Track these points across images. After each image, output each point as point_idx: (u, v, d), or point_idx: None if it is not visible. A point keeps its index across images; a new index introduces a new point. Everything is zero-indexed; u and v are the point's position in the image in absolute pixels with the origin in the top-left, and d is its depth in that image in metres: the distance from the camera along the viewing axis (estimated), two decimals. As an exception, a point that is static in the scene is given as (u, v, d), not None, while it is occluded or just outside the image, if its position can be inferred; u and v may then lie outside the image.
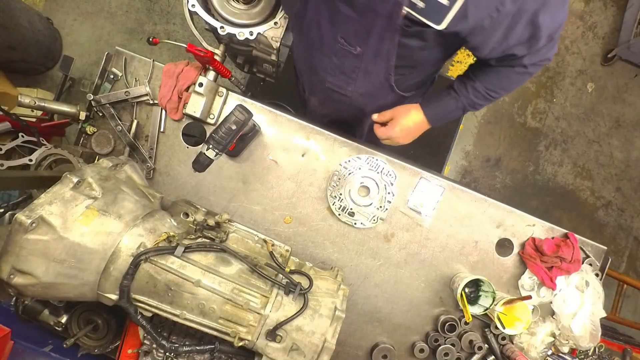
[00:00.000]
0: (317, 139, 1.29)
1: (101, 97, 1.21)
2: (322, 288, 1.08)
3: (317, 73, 1.16)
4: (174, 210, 1.19)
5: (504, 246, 1.37)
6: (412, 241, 1.34)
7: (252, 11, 1.11)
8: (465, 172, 2.81)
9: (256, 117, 1.25)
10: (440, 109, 1.07)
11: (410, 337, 1.37)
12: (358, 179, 1.29)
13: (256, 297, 1.00)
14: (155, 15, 2.51)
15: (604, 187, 2.91)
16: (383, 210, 1.31)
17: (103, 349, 1.20)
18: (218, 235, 1.11)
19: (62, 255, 0.88)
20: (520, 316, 1.26)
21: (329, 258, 1.33)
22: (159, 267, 0.96)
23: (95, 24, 2.47)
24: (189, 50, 1.08)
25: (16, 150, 1.27)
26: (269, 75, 1.58)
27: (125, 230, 0.96)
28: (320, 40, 1.04)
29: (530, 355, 1.33)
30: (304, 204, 1.30)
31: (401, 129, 1.09)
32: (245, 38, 1.08)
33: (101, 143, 1.25)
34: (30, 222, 0.84)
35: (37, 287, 0.89)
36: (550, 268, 1.33)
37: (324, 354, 0.98)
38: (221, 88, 1.22)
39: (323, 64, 1.11)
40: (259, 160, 1.28)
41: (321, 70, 1.14)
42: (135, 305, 0.98)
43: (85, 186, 0.96)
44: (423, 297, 1.36)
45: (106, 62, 1.23)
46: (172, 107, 1.21)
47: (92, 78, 2.43)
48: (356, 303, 1.35)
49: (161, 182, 1.28)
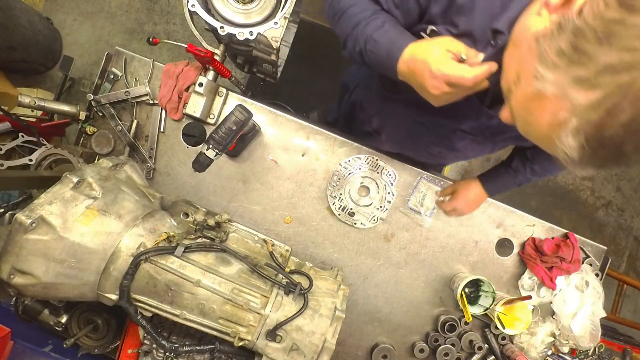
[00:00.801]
0: (317, 139, 1.29)
1: (101, 97, 1.21)
2: (322, 288, 1.08)
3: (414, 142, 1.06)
4: (174, 210, 1.19)
5: (504, 246, 1.37)
6: (412, 241, 1.34)
7: (252, 11, 1.11)
8: (465, 172, 2.81)
9: (256, 117, 1.25)
10: (498, 184, 1.13)
11: (410, 337, 1.37)
12: (358, 179, 1.29)
13: (256, 297, 1.00)
14: (155, 15, 2.51)
15: (604, 187, 2.91)
16: (383, 210, 1.31)
17: (103, 349, 1.19)
18: (218, 235, 1.11)
19: (62, 255, 0.88)
20: (520, 316, 1.26)
21: (329, 258, 1.33)
22: (159, 267, 0.96)
23: (95, 24, 2.46)
24: (189, 50, 1.08)
25: (16, 150, 1.27)
26: (269, 75, 1.58)
27: (125, 230, 0.96)
28: (434, 124, 0.95)
29: (530, 355, 1.33)
30: (304, 204, 1.30)
31: (465, 202, 1.16)
32: (245, 38, 1.08)
33: (101, 143, 1.25)
34: (30, 222, 0.84)
35: (37, 287, 0.89)
36: (550, 268, 1.33)
37: (324, 354, 0.98)
38: (221, 88, 1.22)
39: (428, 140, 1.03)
40: (259, 160, 1.28)
41: (423, 145, 1.06)
42: (135, 305, 0.98)
43: (85, 186, 0.96)
44: (423, 297, 1.36)
45: (106, 62, 1.23)
46: (172, 107, 1.21)
47: (92, 78, 2.42)
48: (356, 303, 1.35)
49: (161, 182, 1.28)
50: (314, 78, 2.30)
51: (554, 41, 0.45)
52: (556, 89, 0.45)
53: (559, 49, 0.44)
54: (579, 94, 0.42)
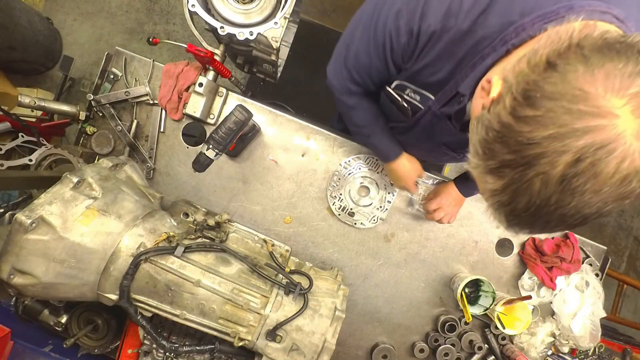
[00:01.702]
0: (317, 139, 1.29)
1: (101, 97, 1.21)
2: (322, 288, 1.08)
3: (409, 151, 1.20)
4: (174, 210, 1.19)
5: (504, 246, 1.37)
6: (412, 241, 1.34)
7: (252, 11, 1.11)
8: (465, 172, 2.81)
9: (256, 117, 1.25)
10: (471, 186, 1.22)
11: (410, 337, 1.37)
12: (358, 179, 1.29)
13: (256, 297, 1.00)
14: (155, 15, 2.51)
15: (604, 187, 2.90)
16: (383, 210, 1.31)
17: (103, 349, 1.20)
18: (218, 235, 1.11)
19: (62, 255, 0.88)
20: (520, 316, 1.26)
21: (329, 258, 1.33)
22: (159, 267, 0.96)
23: (95, 24, 2.46)
24: (189, 50, 1.08)
25: (16, 150, 1.27)
26: (269, 75, 1.58)
27: (125, 230, 0.96)
28: (418, 142, 1.08)
29: (530, 355, 1.33)
30: (304, 204, 1.30)
31: (448, 199, 1.24)
32: (245, 38, 1.08)
33: (101, 143, 1.25)
34: (30, 222, 0.84)
35: (37, 287, 0.89)
36: (550, 268, 1.33)
37: (324, 354, 0.98)
38: (221, 88, 1.22)
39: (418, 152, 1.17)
40: (259, 160, 1.28)
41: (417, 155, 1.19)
42: (135, 305, 0.98)
43: (85, 186, 0.96)
44: (423, 297, 1.36)
45: (106, 62, 1.23)
46: (172, 107, 1.21)
47: (92, 78, 2.42)
48: (356, 303, 1.35)
49: (161, 182, 1.28)
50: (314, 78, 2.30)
51: (477, 130, 0.53)
52: (477, 173, 0.54)
53: (479, 140, 0.52)
54: (491, 180, 0.51)
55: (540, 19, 0.58)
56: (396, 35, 0.73)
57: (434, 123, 0.87)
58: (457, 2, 0.64)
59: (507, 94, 0.49)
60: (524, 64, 0.49)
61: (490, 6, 0.63)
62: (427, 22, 0.68)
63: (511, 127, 0.47)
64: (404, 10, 0.69)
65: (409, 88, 0.86)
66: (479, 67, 0.66)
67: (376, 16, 0.76)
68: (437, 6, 0.66)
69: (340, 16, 2.49)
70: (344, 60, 0.89)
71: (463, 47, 0.68)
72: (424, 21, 0.68)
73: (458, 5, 0.64)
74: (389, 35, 0.74)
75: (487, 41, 0.65)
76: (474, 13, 0.64)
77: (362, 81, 0.91)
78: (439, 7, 0.66)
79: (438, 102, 0.81)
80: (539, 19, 0.58)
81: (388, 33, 0.73)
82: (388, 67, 0.81)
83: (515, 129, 0.47)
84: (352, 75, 0.90)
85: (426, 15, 0.67)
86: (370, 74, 0.87)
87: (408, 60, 0.77)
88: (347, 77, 0.91)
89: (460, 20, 0.65)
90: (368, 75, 0.88)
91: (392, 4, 0.72)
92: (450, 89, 0.76)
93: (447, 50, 0.70)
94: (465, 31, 0.66)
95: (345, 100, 0.99)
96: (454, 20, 0.66)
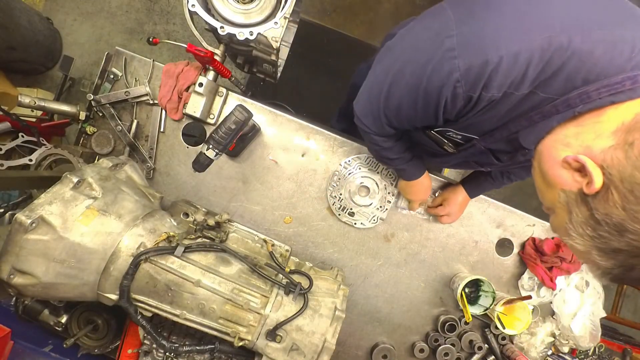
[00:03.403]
0: (317, 139, 1.29)
1: (101, 97, 1.21)
2: (322, 288, 1.08)
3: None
4: (174, 210, 1.19)
5: (504, 246, 1.37)
6: (412, 241, 1.34)
7: (252, 11, 1.11)
8: (465, 172, 2.81)
9: (256, 117, 1.25)
10: (480, 189, 1.27)
11: (410, 337, 1.37)
12: (358, 179, 1.29)
13: (256, 297, 1.00)
14: (155, 15, 2.51)
15: (604, 187, 2.90)
16: (383, 210, 1.31)
17: (103, 349, 1.20)
18: (218, 235, 1.11)
19: (62, 255, 0.88)
20: (520, 316, 1.26)
21: (329, 258, 1.33)
22: (159, 267, 0.96)
23: (95, 24, 2.46)
24: (189, 50, 1.08)
25: (16, 150, 1.27)
26: (269, 75, 1.58)
27: (125, 230, 0.96)
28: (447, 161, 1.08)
29: (530, 355, 1.33)
30: (304, 204, 1.30)
31: (457, 205, 1.28)
32: (245, 38, 1.08)
33: (101, 143, 1.25)
34: (30, 222, 0.84)
35: (37, 287, 0.89)
36: (550, 268, 1.33)
37: (324, 354, 0.98)
38: (221, 88, 1.22)
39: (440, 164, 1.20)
40: (259, 160, 1.28)
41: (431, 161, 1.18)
42: (135, 305, 0.98)
43: (85, 186, 0.96)
44: (423, 297, 1.36)
45: (106, 62, 1.23)
46: (172, 107, 1.21)
47: (92, 78, 2.42)
48: (356, 303, 1.35)
49: (161, 182, 1.28)
50: (314, 78, 2.31)
51: (578, 211, 0.59)
52: (584, 248, 0.59)
53: (584, 222, 0.58)
54: (600, 258, 0.58)
55: (606, 90, 0.58)
56: (452, 101, 0.71)
57: (474, 153, 0.89)
58: (521, 73, 0.63)
59: (614, 188, 0.53)
60: (621, 154, 0.53)
61: (555, 74, 0.62)
62: (489, 93, 0.67)
63: (624, 224, 0.52)
64: (463, 81, 0.67)
65: (452, 131, 0.85)
66: (540, 124, 0.67)
67: (425, 79, 0.72)
68: (501, 80, 0.64)
69: (340, 16, 2.49)
70: (383, 109, 0.86)
71: (520, 108, 0.69)
72: (485, 91, 0.67)
73: (522, 75, 0.63)
74: (444, 99, 0.71)
75: (547, 101, 0.65)
76: (538, 81, 0.64)
77: (402, 126, 0.90)
78: (503, 81, 0.64)
79: (484, 141, 0.82)
80: (605, 90, 0.58)
81: (443, 97, 0.71)
82: (437, 120, 0.79)
83: (628, 227, 0.52)
84: (391, 122, 0.88)
85: (488, 87, 0.66)
86: (413, 123, 0.86)
87: (460, 118, 0.77)
88: (385, 123, 0.89)
89: (523, 88, 0.65)
90: (409, 124, 0.87)
91: (442, 67, 0.68)
92: (500, 134, 0.77)
93: (503, 111, 0.71)
94: (525, 94, 0.66)
95: (381, 143, 0.99)
96: (516, 88, 0.65)
